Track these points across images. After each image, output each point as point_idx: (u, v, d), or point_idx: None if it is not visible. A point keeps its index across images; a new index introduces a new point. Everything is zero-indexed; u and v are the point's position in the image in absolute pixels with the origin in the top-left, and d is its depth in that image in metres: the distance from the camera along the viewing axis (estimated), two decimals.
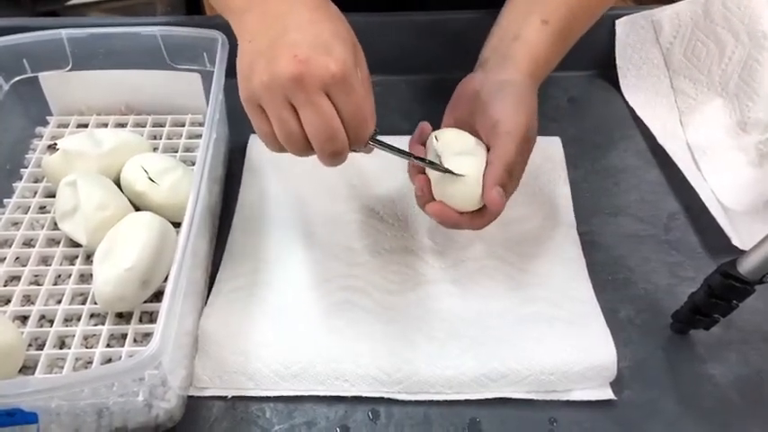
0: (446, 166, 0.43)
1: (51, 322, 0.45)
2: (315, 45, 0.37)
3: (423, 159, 0.44)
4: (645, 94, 0.66)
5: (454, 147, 0.44)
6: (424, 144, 0.47)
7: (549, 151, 0.60)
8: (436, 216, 0.44)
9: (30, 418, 0.37)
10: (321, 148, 0.39)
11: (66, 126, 0.60)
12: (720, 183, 0.57)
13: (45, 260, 0.49)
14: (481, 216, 0.44)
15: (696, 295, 0.45)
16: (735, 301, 0.43)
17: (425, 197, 0.45)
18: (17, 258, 0.49)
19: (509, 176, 0.43)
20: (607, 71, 0.68)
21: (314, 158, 0.41)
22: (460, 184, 0.43)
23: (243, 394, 0.44)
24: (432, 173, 0.45)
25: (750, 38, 0.59)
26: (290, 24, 0.38)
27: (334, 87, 0.37)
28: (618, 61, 0.67)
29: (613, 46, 0.67)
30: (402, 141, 0.47)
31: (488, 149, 0.44)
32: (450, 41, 0.67)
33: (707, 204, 0.54)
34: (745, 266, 0.41)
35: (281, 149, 0.40)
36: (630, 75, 0.67)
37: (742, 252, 0.42)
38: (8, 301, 0.46)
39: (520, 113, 0.44)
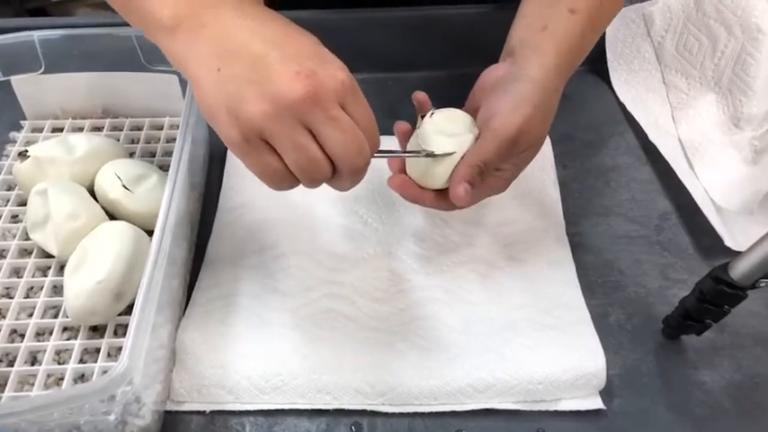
0: (425, 141, 0.42)
1: (22, 337, 0.44)
2: (307, 57, 0.33)
3: (410, 152, 0.43)
4: (636, 89, 0.65)
5: (440, 125, 0.43)
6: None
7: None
8: (396, 189, 0.43)
9: None
10: (350, 164, 0.35)
11: (40, 130, 0.58)
12: (713, 181, 0.56)
13: (17, 272, 0.48)
14: (444, 199, 0.43)
15: (687, 300, 0.43)
16: (726, 307, 0.42)
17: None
18: None
19: (480, 176, 0.41)
20: (597, 66, 0.67)
21: None
22: (428, 160, 0.42)
23: (222, 408, 0.43)
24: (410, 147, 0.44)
25: (743, 31, 0.57)
26: (267, 42, 0.34)
27: (348, 96, 0.34)
28: (608, 56, 0.66)
29: (604, 40, 0.65)
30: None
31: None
32: (438, 38, 0.65)
33: (699, 204, 0.53)
34: (737, 271, 0.40)
35: (293, 185, 0.36)
36: (621, 70, 0.66)
37: (735, 253, 0.41)
38: None
39: (517, 114, 0.41)
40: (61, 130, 0.58)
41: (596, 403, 0.43)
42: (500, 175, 0.43)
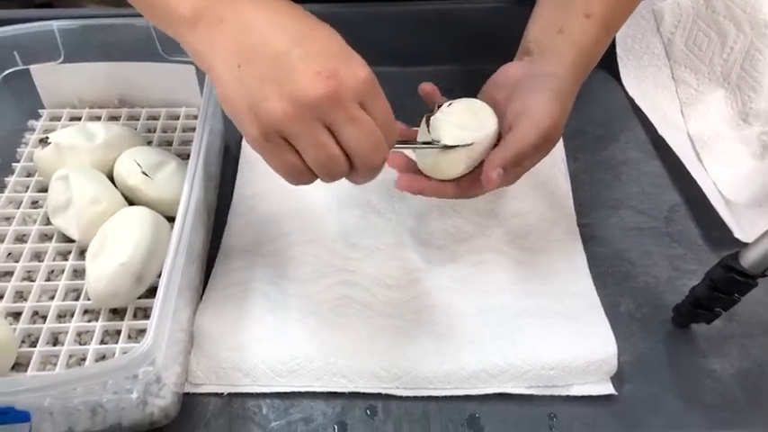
0: (435, 130, 0.43)
1: (44, 318, 0.44)
2: (329, 55, 0.33)
3: (426, 143, 0.43)
4: (645, 84, 0.66)
5: (453, 117, 0.43)
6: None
7: None
8: (405, 189, 0.44)
9: (22, 416, 0.36)
10: (368, 161, 0.35)
11: (58, 119, 0.59)
12: (722, 174, 0.57)
13: (38, 256, 0.48)
14: (448, 188, 0.44)
15: (698, 289, 0.44)
16: (737, 295, 0.42)
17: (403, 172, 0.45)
18: (9, 254, 0.48)
19: (514, 164, 0.42)
20: (607, 62, 0.67)
21: None
22: (441, 152, 0.43)
23: (239, 390, 0.43)
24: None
25: (752, 27, 0.58)
26: (288, 37, 0.34)
27: (367, 94, 0.34)
28: (618, 52, 0.66)
29: (614, 36, 0.66)
30: None
31: (508, 132, 0.43)
32: (447, 33, 0.66)
33: (708, 196, 0.54)
34: (748, 260, 0.40)
35: (311, 179, 0.36)
36: (631, 66, 0.66)
37: (743, 244, 0.42)
38: (0, 298, 0.45)
39: (552, 109, 0.43)
40: (79, 119, 0.59)
41: (607, 389, 0.43)
42: (518, 170, 0.44)
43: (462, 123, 0.43)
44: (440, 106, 0.45)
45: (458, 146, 0.43)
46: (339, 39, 0.36)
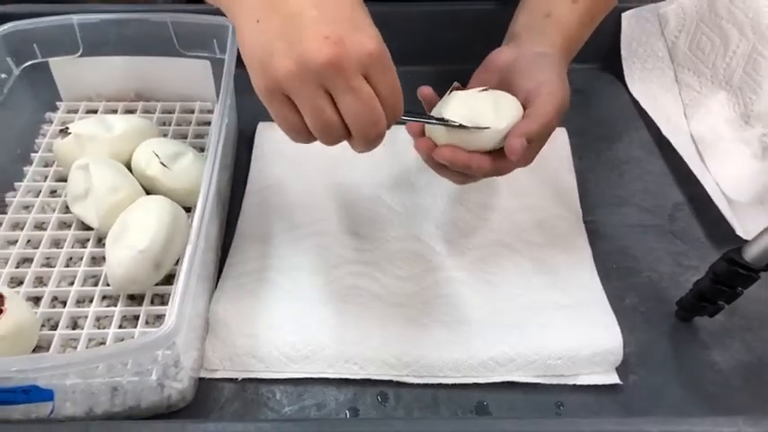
0: (446, 106, 0.43)
1: (64, 303, 0.45)
2: (341, 22, 0.33)
3: (446, 121, 0.42)
4: (649, 86, 0.67)
5: (472, 101, 0.43)
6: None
7: (556, 142, 0.61)
8: (447, 160, 0.42)
9: (45, 395, 0.37)
10: (364, 133, 0.36)
11: (75, 112, 0.60)
12: (724, 174, 0.58)
13: (57, 243, 0.49)
14: (492, 161, 0.43)
15: (701, 282, 0.45)
16: (739, 288, 0.44)
17: (430, 155, 0.43)
18: (29, 241, 0.49)
19: (538, 135, 0.42)
20: (612, 64, 0.69)
21: (321, 147, 0.39)
22: (444, 130, 0.42)
23: (253, 376, 0.44)
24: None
25: (754, 32, 0.59)
26: None
27: (373, 67, 0.34)
28: (623, 54, 0.68)
29: (619, 39, 0.68)
30: None
31: (524, 110, 0.43)
32: (464, 32, 0.67)
33: (711, 195, 0.55)
34: (751, 253, 0.42)
35: (310, 140, 0.37)
36: (635, 68, 0.68)
37: (745, 242, 0.43)
38: (21, 283, 0.46)
39: (562, 82, 0.44)
40: (95, 111, 0.60)
41: (613, 379, 0.44)
42: (537, 146, 0.44)
43: (475, 108, 0.42)
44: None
45: (451, 124, 0.42)
46: (357, 6, 0.36)
